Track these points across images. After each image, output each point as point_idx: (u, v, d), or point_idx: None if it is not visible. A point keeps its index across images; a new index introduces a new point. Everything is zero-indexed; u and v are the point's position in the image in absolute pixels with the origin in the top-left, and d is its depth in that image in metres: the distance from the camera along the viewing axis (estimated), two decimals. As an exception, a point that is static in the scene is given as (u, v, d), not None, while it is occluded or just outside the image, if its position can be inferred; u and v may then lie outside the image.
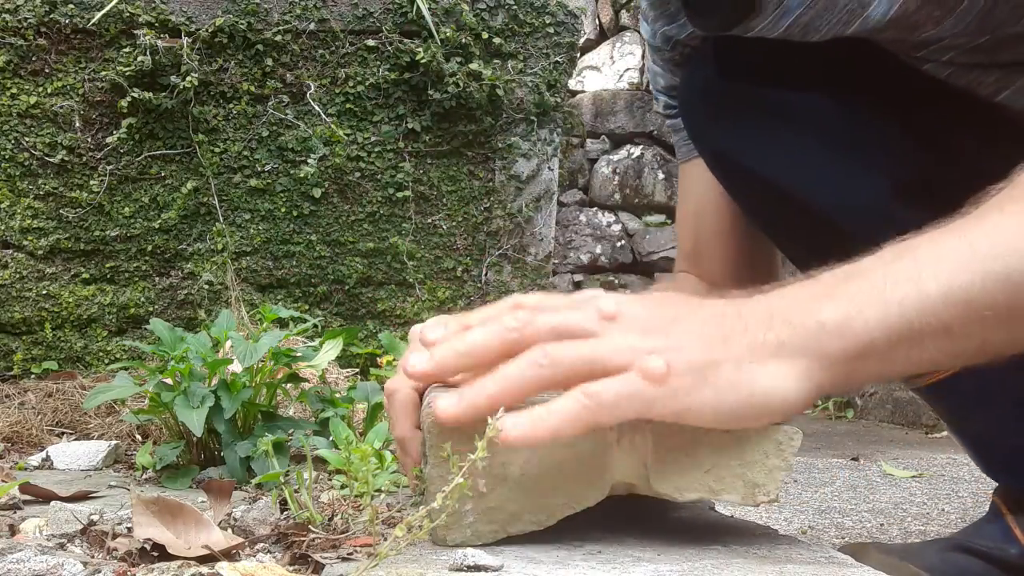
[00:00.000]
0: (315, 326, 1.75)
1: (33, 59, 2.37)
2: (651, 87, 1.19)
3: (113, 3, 2.35)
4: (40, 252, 2.38)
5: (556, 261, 4.48)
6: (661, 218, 4.69)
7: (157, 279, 2.45)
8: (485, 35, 2.54)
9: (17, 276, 2.37)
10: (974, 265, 0.59)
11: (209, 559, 0.65)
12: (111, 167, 2.41)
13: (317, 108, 2.48)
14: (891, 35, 0.83)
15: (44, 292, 2.38)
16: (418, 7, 2.47)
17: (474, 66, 2.50)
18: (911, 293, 0.59)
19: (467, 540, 0.62)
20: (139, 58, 2.35)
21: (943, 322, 0.59)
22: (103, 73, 2.38)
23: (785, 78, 0.91)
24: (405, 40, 2.50)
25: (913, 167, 0.89)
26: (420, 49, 2.47)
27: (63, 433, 1.64)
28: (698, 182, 1.08)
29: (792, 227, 0.98)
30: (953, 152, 0.88)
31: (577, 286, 4.53)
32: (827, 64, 0.89)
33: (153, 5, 2.40)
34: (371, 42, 2.50)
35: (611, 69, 5.21)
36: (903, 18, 0.80)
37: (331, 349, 1.36)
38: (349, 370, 2.09)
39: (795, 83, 0.91)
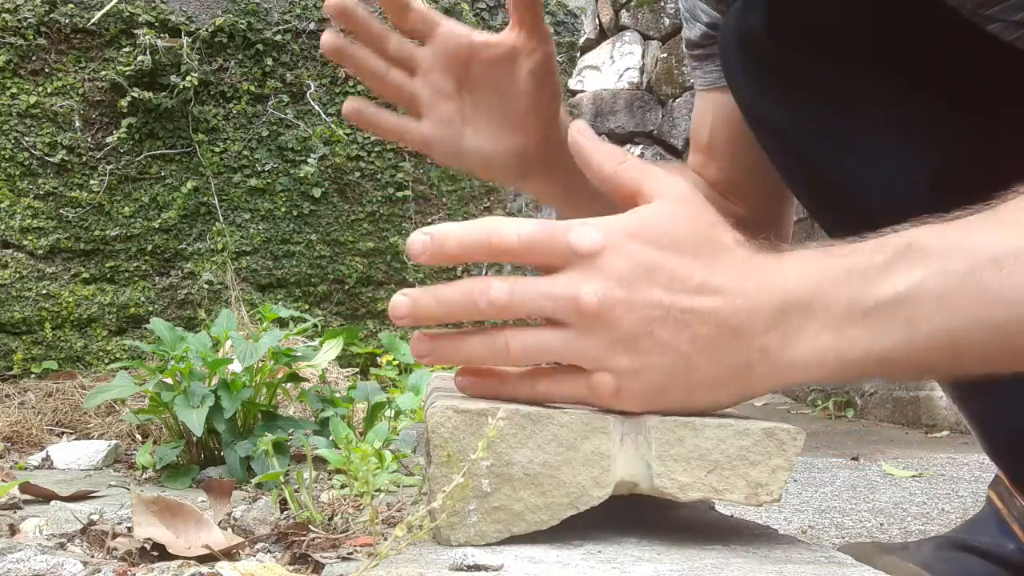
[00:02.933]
0: (315, 326, 1.75)
1: (33, 59, 2.37)
2: (683, 11, 1.15)
3: (113, 3, 2.35)
4: (40, 252, 2.38)
5: (556, 261, 4.47)
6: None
7: (157, 279, 2.45)
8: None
9: (17, 276, 2.37)
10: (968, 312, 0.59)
11: (209, 559, 0.65)
12: (111, 167, 2.41)
13: (317, 108, 2.48)
14: None
15: (44, 292, 2.38)
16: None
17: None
18: (907, 335, 0.59)
19: (471, 540, 0.61)
20: (139, 58, 2.35)
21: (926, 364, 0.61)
22: (103, 73, 2.38)
23: (833, 43, 0.87)
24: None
25: (955, 155, 0.86)
26: (420, 49, 2.47)
27: (63, 433, 1.64)
28: (721, 105, 1.04)
29: (821, 197, 0.95)
30: (1000, 139, 0.85)
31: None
32: (879, 24, 0.85)
33: (153, 5, 2.40)
34: (371, 42, 2.51)
35: (611, 69, 5.21)
36: None
37: (331, 349, 1.36)
38: (349, 370, 2.09)
39: (842, 50, 0.87)
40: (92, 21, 2.36)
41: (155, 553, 0.68)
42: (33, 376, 2.26)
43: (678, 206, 0.63)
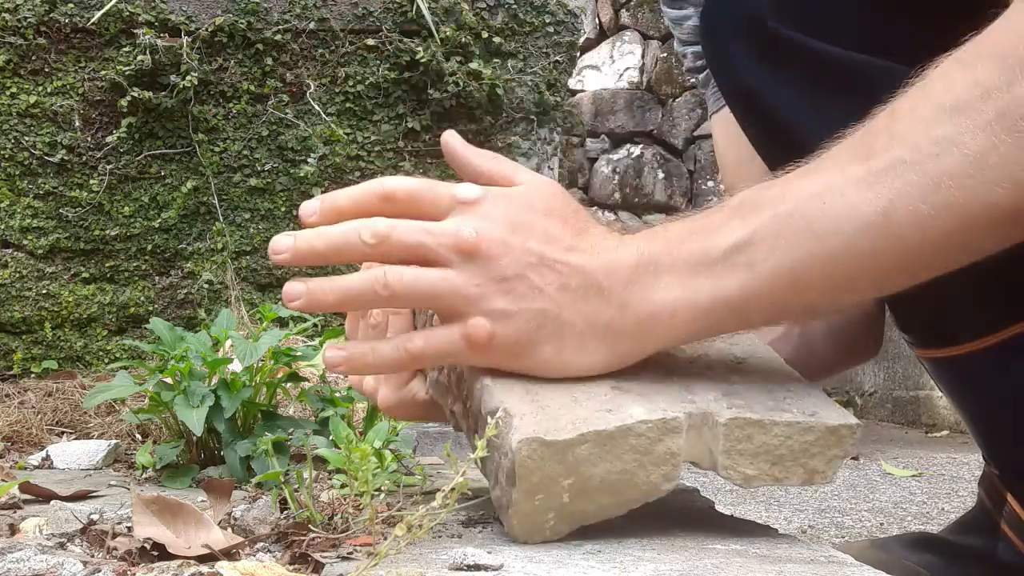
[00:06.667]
0: (315, 325, 1.75)
1: (33, 58, 2.37)
2: (676, 44, 1.15)
3: (113, 2, 2.35)
4: (40, 251, 2.38)
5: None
6: (661, 217, 4.70)
7: (157, 278, 2.45)
8: (485, 34, 2.54)
9: (17, 275, 2.37)
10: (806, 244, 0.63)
11: (209, 558, 0.65)
12: (111, 166, 2.41)
13: (317, 107, 2.48)
14: None
15: (44, 291, 2.38)
16: (418, 6, 2.47)
17: (474, 65, 2.50)
18: (749, 278, 0.63)
19: (545, 538, 0.63)
20: (139, 57, 2.35)
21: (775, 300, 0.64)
22: (103, 72, 2.38)
23: (837, 26, 0.86)
24: (405, 39, 2.50)
25: None
26: (420, 48, 2.47)
27: (63, 432, 1.64)
28: (733, 133, 1.04)
29: None
30: None
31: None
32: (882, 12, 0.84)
33: (153, 4, 2.40)
34: (371, 41, 2.50)
35: (611, 68, 5.21)
36: None
37: (331, 348, 1.36)
38: (349, 369, 2.09)
39: (847, 34, 0.86)
40: (92, 21, 2.36)
41: (155, 553, 0.68)
42: (33, 376, 2.26)
43: (550, 186, 0.69)
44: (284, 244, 0.64)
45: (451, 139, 0.72)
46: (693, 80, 1.16)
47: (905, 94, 0.65)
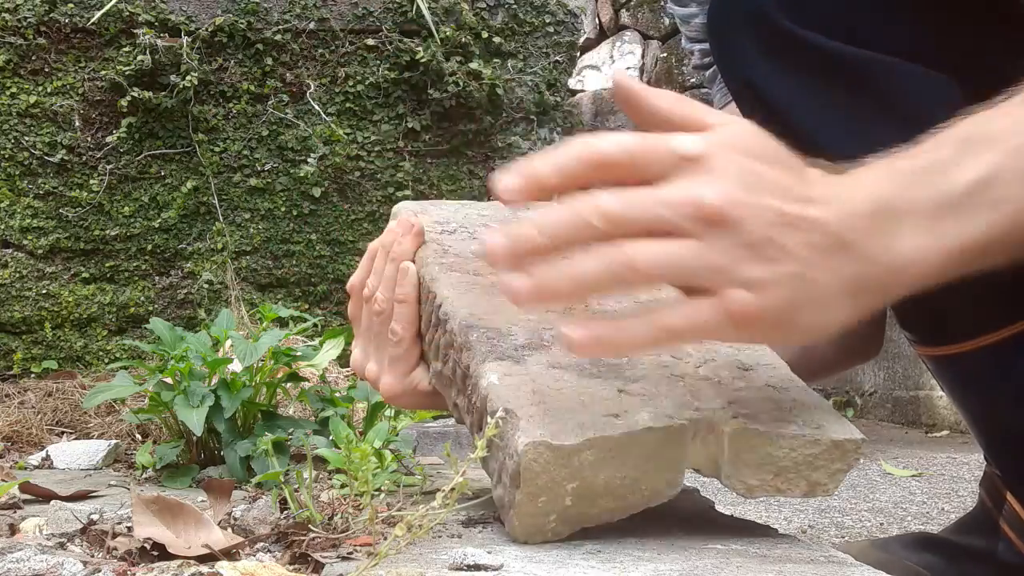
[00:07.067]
0: (315, 325, 1.75)
1: (33, 58, 2.37)
2: (683, 41, 1.14)
3: (113, 2, 2.35)
4: (40, 251, 2.38)
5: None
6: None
7: (157, 278, 2.45)
8: (485, 34, 2.54)
9: (17, 275, 2.37)
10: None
11: (209, 558, 0.65)
12: (111, 166, 2.41)
13: (317, 107, 2.48)
14: None
15: (44, 291, 2.38)
16: (418, 6, 2.47)
17: (474, 65, 2.50)
18: (995, 218, 0.59)
19: (546, 539, 0.63)
20: (139, 57, 2.35)
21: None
22: (103, 72, 2.38)
23: (843, 24, 0.85)
24: (405, 39, 2.50)
25: None
26: (420, 48, 2.47)
27: (63, 432, 1.64)
28: None
29: None
30: None
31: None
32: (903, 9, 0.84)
33: (153, 4, 2.40)
34: (371, 41, 2.50)
35: (611, 68, 5.21)
36: None
37: (331, 348, 1.36)
38: (349, 369, 2.09)
39: (853, 31, 0.86)
40: (92, 21, 2.36)
41: (155, 553, 0.68)
42: (33, 376, 2.26)
43: (753, 127, 0.62)
44: (500, 248, 0.55)
45: (623, 79, 0.63)
46: (699, 77, 1.16)
47: None
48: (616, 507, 0.63)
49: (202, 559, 0.65)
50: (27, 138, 2.37)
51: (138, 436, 1.51)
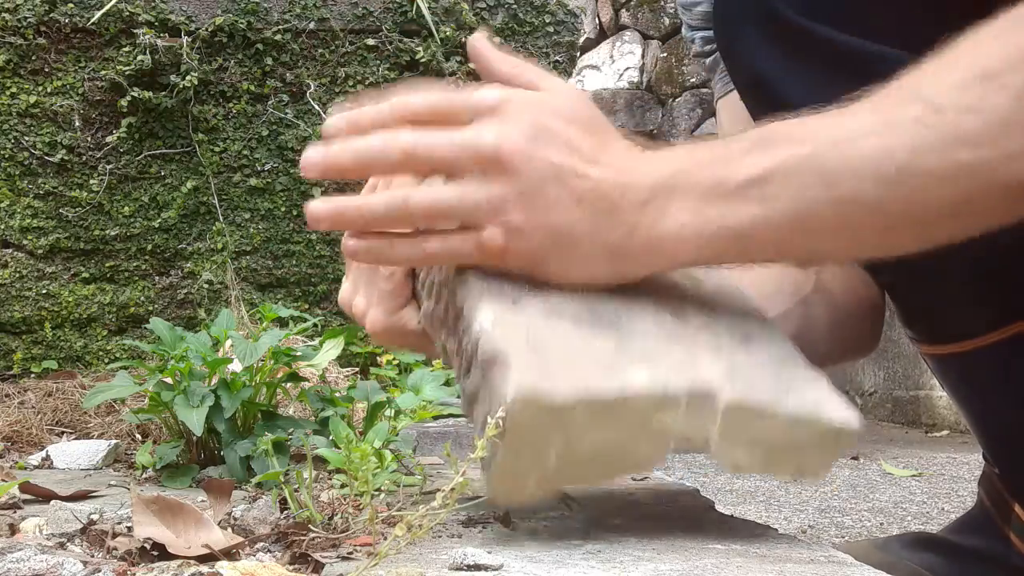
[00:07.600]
0: (315, 325, 1.75)
1: (33, 58, 2.37)
2: (684, 30, 1.14)
3: (113, 2, 2.35)
4: (40, 251, 2.38)
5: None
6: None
7: (157, 278, 2.45)
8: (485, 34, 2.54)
9: (17, 275, 2.37)
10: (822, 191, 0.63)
11: (209, 558, 0.65)
12: (111, 166, 2.41)
13: (317, 107, 2.48)
14: None
15: (44, 291, 2.38)
16: (418, 6, 2.47)
17: (474, 65, 2.50)
18: (759, 213, 0.63)
19: (523, 500, 0.63)
20: (139, 57, 2.35)
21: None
22: (103, 72, 2.38)
23: (849, 14, 0.86)
24: (405, 39, 2.50)
25: None
26: (420, 48, 2.47)
27: (63, 432, 1.64)
28: (740, 117, 1.03)
29: None
30: None
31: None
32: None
33: (153, 4, 2.40)
34: (371, 41, 2.50)
35: (611, 68, 5.20)
36: None
37: (331, 348, 1.36)
38: (349, 369, 2.09)
39: (858, 22, 0.86)
40: (92, 21, 2.36)
41: (155, 553, 0.68)
42: (33, 376, 2.26)
43: (577, 93, 0.69)
44: (315, 157, 0.65)
45: (478, 42, 0.72)
46: (699, 64, 1.16)
47: (935, 58, 0.65)
48: (598, 472, 0.62)
49: (202, 559, 0.65)
50: (27, 138, 2.37)
51: (138, 436, 1.51)
